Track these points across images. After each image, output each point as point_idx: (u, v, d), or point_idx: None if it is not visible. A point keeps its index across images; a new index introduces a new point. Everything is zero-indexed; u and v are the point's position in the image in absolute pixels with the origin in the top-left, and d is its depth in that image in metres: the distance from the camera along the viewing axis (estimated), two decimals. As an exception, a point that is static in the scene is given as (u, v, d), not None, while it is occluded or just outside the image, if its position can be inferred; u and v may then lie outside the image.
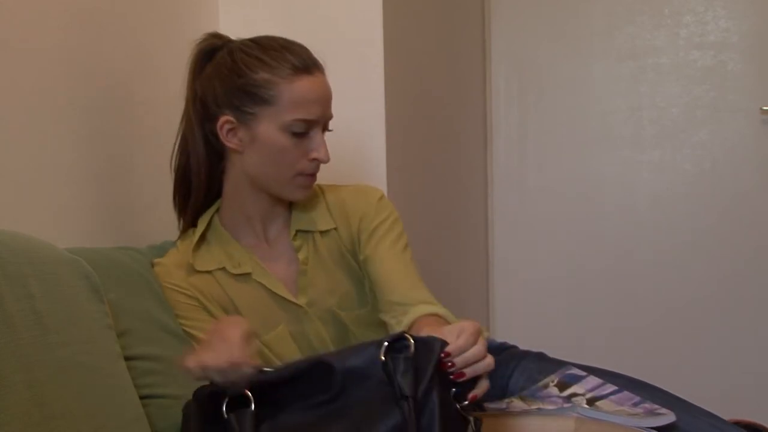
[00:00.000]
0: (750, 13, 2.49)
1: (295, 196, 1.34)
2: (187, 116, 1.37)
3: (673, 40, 2.56)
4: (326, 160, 1.31)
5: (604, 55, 2.64)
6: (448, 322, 1.22)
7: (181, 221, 1.42)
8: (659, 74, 2.58)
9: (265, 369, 0.97)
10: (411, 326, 1.23)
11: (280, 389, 0.94)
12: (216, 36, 1.37)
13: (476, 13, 2.68)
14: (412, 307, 1.26)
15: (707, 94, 2.54)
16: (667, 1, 2.56)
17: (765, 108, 2.46)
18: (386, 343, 0.91)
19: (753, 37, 2.49)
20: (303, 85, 1.27)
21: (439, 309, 1.26)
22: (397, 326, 1.26)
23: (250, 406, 0.92)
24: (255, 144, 1.29)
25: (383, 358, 0.90)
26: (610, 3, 2.62)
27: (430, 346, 0.90)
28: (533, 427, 1.13)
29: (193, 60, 1.36)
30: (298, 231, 1.37)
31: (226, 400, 0.93)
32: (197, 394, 0.98)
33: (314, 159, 1.30)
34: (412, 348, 0.90)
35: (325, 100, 1.30)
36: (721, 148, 2.54)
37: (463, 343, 0.93)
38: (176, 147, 1.40)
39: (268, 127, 1.27)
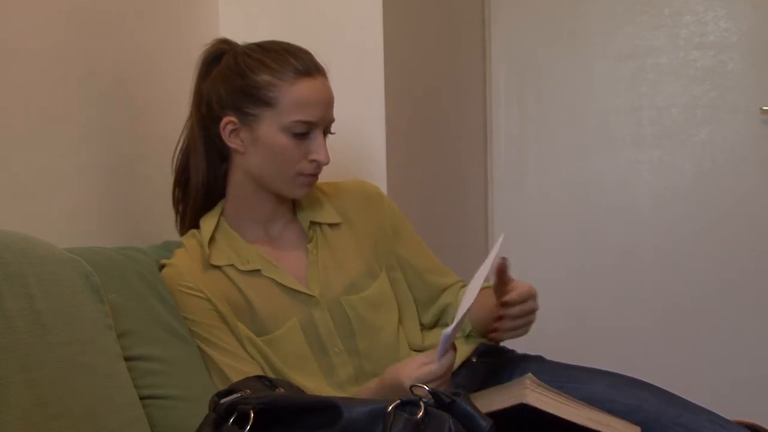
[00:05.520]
0: (750, 13, 2.49)
1: (297, 194, 1.36)
2: (191, 118, 1.40)
3: (673, 40, 2.56)
4: (326, 162, 1.33)
5: (604, 55, 2.64)
6: None
7: (179, 219, 1.43)
8: (659, 74, 2.58)
9: (273, 381, 1.01)
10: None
11: (288, 413, 0.96)
12: (224, 42, 1.40)
13: (476, 13, 2.68)
14: (462, 286, 1.49)
15: (707, 94, 2.54)
16: (667, 1, 2.56)
17: (765, 108, 2.46)
18: (399, 401, 0.91)
19: (753, 37, 2.49)
20: (304, 88, 1.29)
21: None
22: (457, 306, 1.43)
23: (247, 425, 0.94)
24: (256, 145, 1.31)
25: (390, 409, 0.90)
26: (610, 3, 2.62)
27: (439, 423, 0.90)
28: (494, 400, 1.13)
29: (200, 64, 1.39)
30: (311, 222, 1.40)
31: (235, 414, 0.95)
32: (214, 405, 0.99)
33: (314, 160, 1.32)
34: (420, 413, 0.90)
35: (325, 103, 1.32)
36: (721, 148, 2.54)
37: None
38: (178, 148, 1.41)
39: (269, 129, 1.30)
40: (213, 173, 1.39)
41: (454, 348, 1.11)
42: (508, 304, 1.24)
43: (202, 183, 1.38)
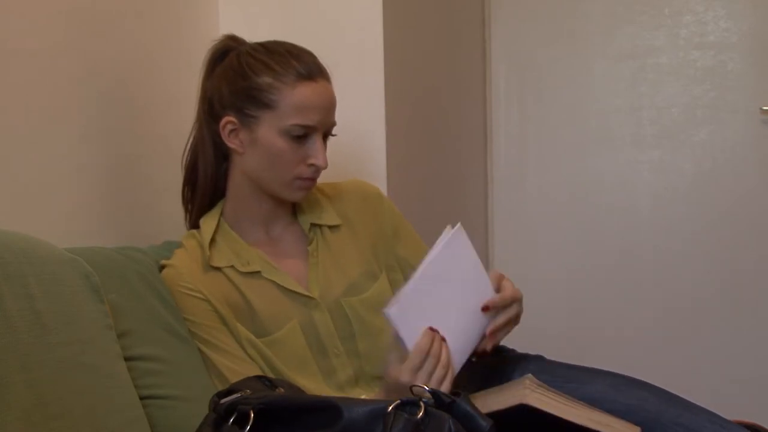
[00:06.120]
0: (750, 13, 2.49)
1: (294, 198, 1.36)
2: (197, 115, 1.40)
3: (673, 40, 2.56)
4: (324, 167, 1.33)
5: (604, 55, 2.64)
6: None
7: (188, 218, 1.44)
8: (659, 74, 2.58)
9: (273, 381, 1.02)
10: None
11: (288, 413, 0.96)
12: (231, 38, 1.40)
13: (476, 13, 2.68)
14: None
15: (707, 94, 2.54)
16: (667, 1, 2.56)
17: (765, 108, 2.46)
18: (399, 401, 0.91)
19: (753, 37, 2.49)
20: (304, 92, 1.29)
21: None
22: None
23: (247, 425, 0.94)
24: (255, 146, 1.31)
25: (390, 409, 0.90)
26: (610, 3, 2.62)
27: (439, 423, 0.90)
28: (494, 400, 1.13)
29: (206, 60, 1.39)
30: (311, 224, 1.40)
31: (235, 414, 0.95)
32: (214, 405, 0.99)
33: (312, 164, 1.32)
34: (421, 413, 0.90)
35: (326, 107, 1.32)
36: (721, 148, 2.54)
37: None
38: (188, 145, 1.41)
39: (268, 131, 1.30)
40: (218, 172, 1.39)
41: (443, 339, 1.13)
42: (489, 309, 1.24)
43: (209, 181, 1.39)
